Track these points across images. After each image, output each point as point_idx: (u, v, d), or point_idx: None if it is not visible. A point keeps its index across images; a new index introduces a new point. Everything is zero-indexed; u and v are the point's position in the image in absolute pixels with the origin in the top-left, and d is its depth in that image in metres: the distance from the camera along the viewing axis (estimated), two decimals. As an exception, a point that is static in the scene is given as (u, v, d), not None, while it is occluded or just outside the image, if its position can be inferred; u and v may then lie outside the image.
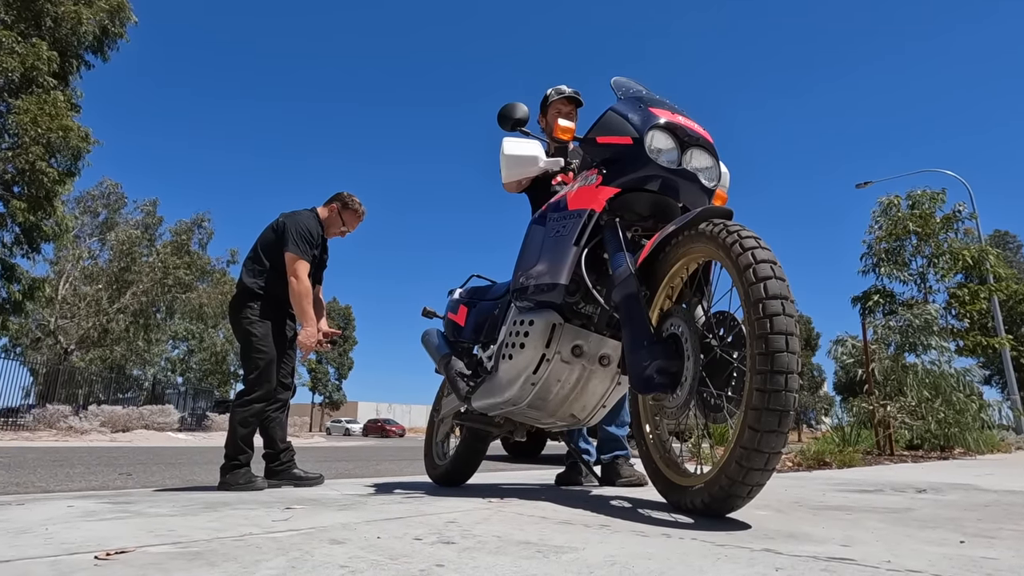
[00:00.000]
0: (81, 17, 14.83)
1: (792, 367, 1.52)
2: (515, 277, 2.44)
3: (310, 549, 1.35)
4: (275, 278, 3.19)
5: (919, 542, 1.50)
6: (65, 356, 24.98)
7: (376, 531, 1.57)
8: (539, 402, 2.34)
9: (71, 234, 18.62)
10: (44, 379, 22.21)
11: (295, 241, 3.17)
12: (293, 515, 1.87)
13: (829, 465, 4.83)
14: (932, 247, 12.13)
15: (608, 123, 2.23)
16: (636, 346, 1.90)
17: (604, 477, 3.05)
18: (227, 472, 2.97)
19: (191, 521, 1.75)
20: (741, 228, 1.71)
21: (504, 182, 2.67)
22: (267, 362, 3.06)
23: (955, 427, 7.30)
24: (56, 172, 14.47)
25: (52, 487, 3.97)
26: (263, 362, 3.05)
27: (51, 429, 15.22)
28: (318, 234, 3.31)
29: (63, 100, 14.32)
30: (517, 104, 2.52)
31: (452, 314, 3.03)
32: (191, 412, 23.94)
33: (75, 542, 1.43)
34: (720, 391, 1.74)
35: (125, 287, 25.67)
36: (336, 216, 3.44)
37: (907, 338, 8.22)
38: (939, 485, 3.08)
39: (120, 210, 27.87)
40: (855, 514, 1.98)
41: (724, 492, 1.63)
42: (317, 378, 49.32)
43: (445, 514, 1.87)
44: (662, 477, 2.00)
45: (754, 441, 1.52)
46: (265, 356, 3.06)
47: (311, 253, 3.23)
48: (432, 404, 3.31)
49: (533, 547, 1.37)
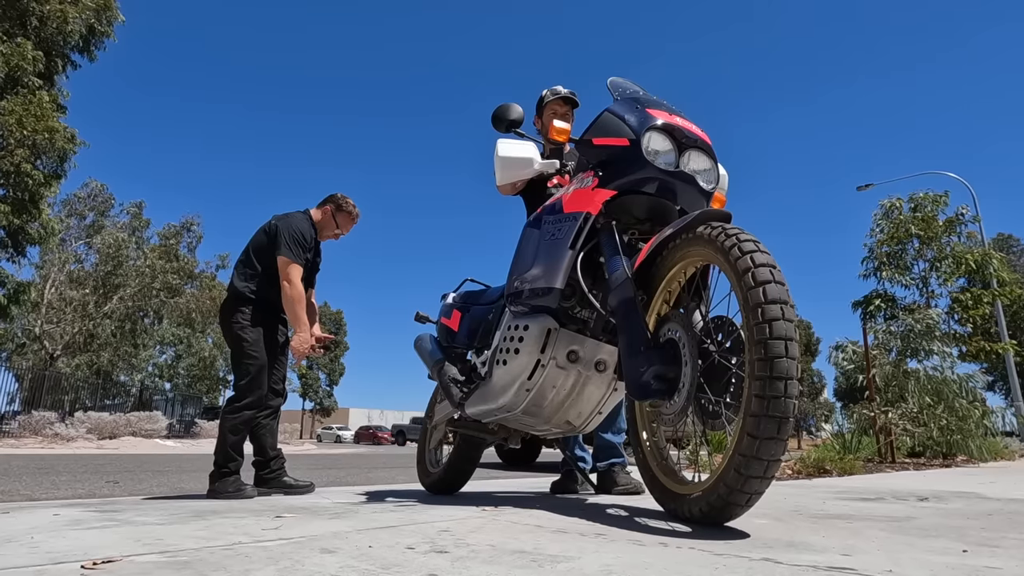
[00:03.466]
0: (67, 16, 14.64)
1: (791, 373, 1.50)
2: (509, 281, 2.41)
3: (301, 558, 1.32)
4: (267, 282, 3.15)
5: (921, 551, 1.48)
6: (51, 361, 24.73)
7: (368, 540, 1.55)
8: (534, 408, 2.31)
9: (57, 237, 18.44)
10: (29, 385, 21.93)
11: (288, 244, 3.13)
12: (283, 524, 1.84)
13: (829, 473, 4.82)
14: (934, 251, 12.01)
15: (604, 124, 2.21)
16: (633, 351, 1.87)
17: (600, 485, 3.02)
18: (216, 480, 2.92)
19: (179, 530, 1.72)
20: (740, 231, 1.69)
21: (498, 184, 2.65)
22: (258, 368, 3.02)
23: (958, 434, 7.27)
24: (42, 174, 14.28)
25: (38, 495, 3.92)
26: (254, 368, 3.01)
27: (37, 436, 15.04)
28: (311, 237, 3.27)
29: (49, 101, 14.15)
30: (512, 105, 2.50)
31: (445, 319, 3.00)
32: (179, 419, 23.77)
33: (61, 551, 1.41)
34: (718, 397, 1.72)
35: (112, 291, 25.47)
36: (330, 218, 3.40)
37: (909, 343, 8.19)
38: (941, 493, 3.07)
39: (107, 212, 27.67)
40: (856, 523, 1.97)
41: (722, 500, 1.61)
42: (308, 384, 49.09)
43: (438, 523, 1.84)
44: (659, 485, 1.98)
45: (753, 448, 1.51)
46: (256, 362, 3.02)
47: (304, 257, 3.19)
48: (425, 411, 3.28)
49: (528, 556, 1.35)
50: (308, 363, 45.90)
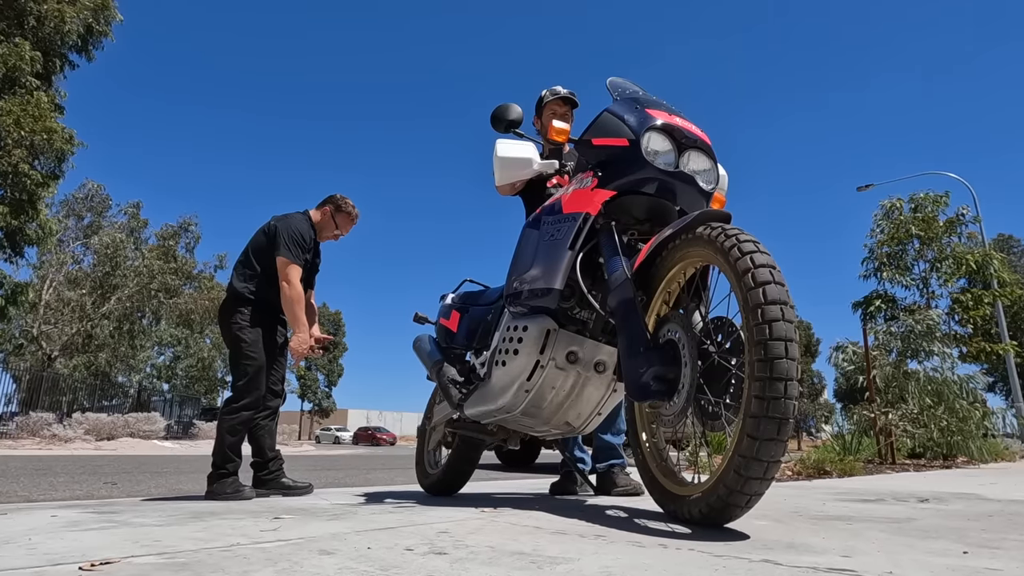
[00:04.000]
0: (65, 15, 14.58)
1: (791, 374, 1.50)
2: (508, 282, 2.41)
3: (299, 560, 1.32)
4: (266, 283, 3.14)
5: (921, 552, 1.48)
6: (48, 363, 24.67)
7: (367, 541, 1.54)
8: (533, 410, 2.31)
9: (55, 238, 18.37)
10: (27, 386, 21.94)
11: (287, 245, 3.13)
12: (282, 525, 1.83)
13: (829, 474, 4.80)
14: (935, 251, 11.92)
15: (604, 125, 2.20)
16: (632, 352, 1.87)
17: (599, 486, 3.02)
18: (214, 481, 2.91)
19: (177, 531, 1.72)
20: (739, 232, 1.69)
21: (497, 184, 2.65)
22: (256, 369, 3.01)
23: (958, 435, 7.22)
24: (39, 175, 14.24)
25: (35, 496, 3.91)
26: (252, 369, 3.00)
27: (34, 437, 15.02)
28: (310, 238, 3.27)
29: (47, 101, 14.12)
30: (511, 105, 2.49)
31: (444, 320, 2.99)
32: (177, 420, 23.76)
33: (59, 552, 1.40)
34: (718, 398, 1.72)
35: (110, 292, 25.41)
36: (329, 219, 3.39)
37: (909, 344, 8.14)
38: (942, 494, 3.06)
39: (104, 213, 27.59)
40: (856, 524, 1.96)
41: (722, 502, 1.61)
42: (306, 385, 49.00)
43: (437, 524, 1.84)
44: (659, 486, 1.97)
45: (753, 449, 1.50)
46: (255, 363, 3.01)
47: (303, 257, 3.18)
48: (424, 411, 3.27)
49: (527, 558, 1.34)
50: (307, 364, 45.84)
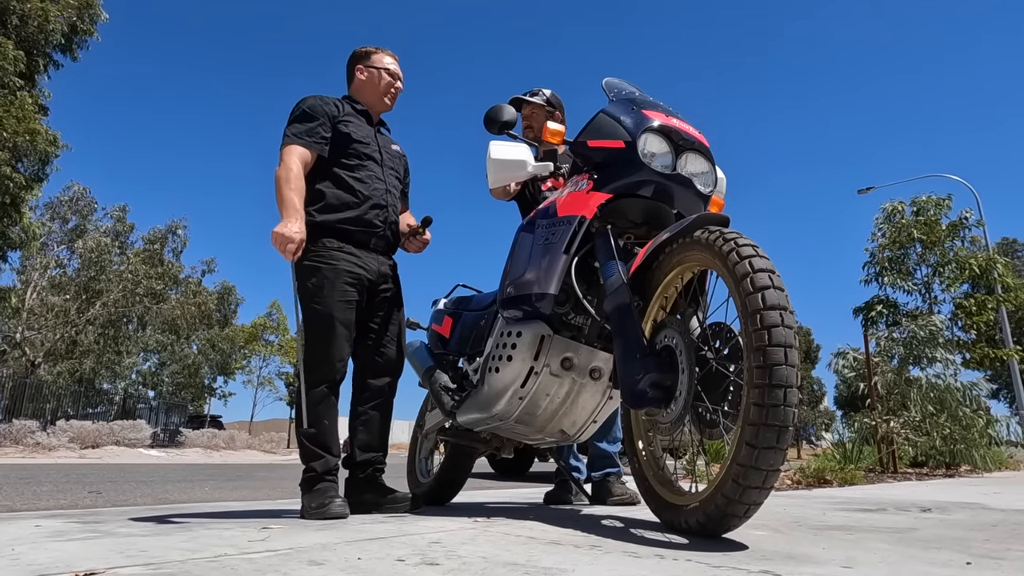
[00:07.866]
0: (48, 14, 14.39)
1: (791, 381, 1.48)
2: (502, 287, 2.38)
3: (288, 571, 1.28)
4: None
5: (923, 563, 1.46)
6: (32, 369, 24.35)
7: (357, 552, 1.51)
8: (527, 417, 2.28)
9: (38, 242, 18.17)
10: (10, 393, 21.64)
11: (284, 132, 2.51)
12: (270, 535, 1.80)
13: (830, 483, 4.79)
14: (937, 255, 11.72)
15: (599, 126, 2.19)
16: (628, 359, 1.85)
17: (595, 495, 2.98)
18: (304, 490, 2.36)
19: (164, 541, 1.68)
20: (738, 236, 1.67)
21: (491, 187, 2.62)
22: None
23: (961, 443, 7.19)
24: (23, 177, 14.05)
25: (19, 506, 3.82)
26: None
27: (17, 445, 14.77)
28: (324, 111, 2.52)
29: (31, 102, 13.94)
30: (504, 106, 2.46)
31: (436, 325, 2.97)
32: (163, 428, 23.54)
33: (43, 563, 1.37)
34: (716, 406, 1.69)
35: (95, 297, 25.13)
36: (363, 80, 2.66)
37: (911, 350, 8.08)
38: (944, 504, 3.04)
39: (90, 216, 27.29)
40: (857, 534, 1.94)
41: (720, 511, 1.58)
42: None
43: (429, 534, 1.80)
44: (655, 495, 1.95)
45: (751, 458, 1.48)
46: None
47: (313, 133, 2.47)
48: (415, 419, 3.24)
49: (521, 569, 1.32)
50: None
